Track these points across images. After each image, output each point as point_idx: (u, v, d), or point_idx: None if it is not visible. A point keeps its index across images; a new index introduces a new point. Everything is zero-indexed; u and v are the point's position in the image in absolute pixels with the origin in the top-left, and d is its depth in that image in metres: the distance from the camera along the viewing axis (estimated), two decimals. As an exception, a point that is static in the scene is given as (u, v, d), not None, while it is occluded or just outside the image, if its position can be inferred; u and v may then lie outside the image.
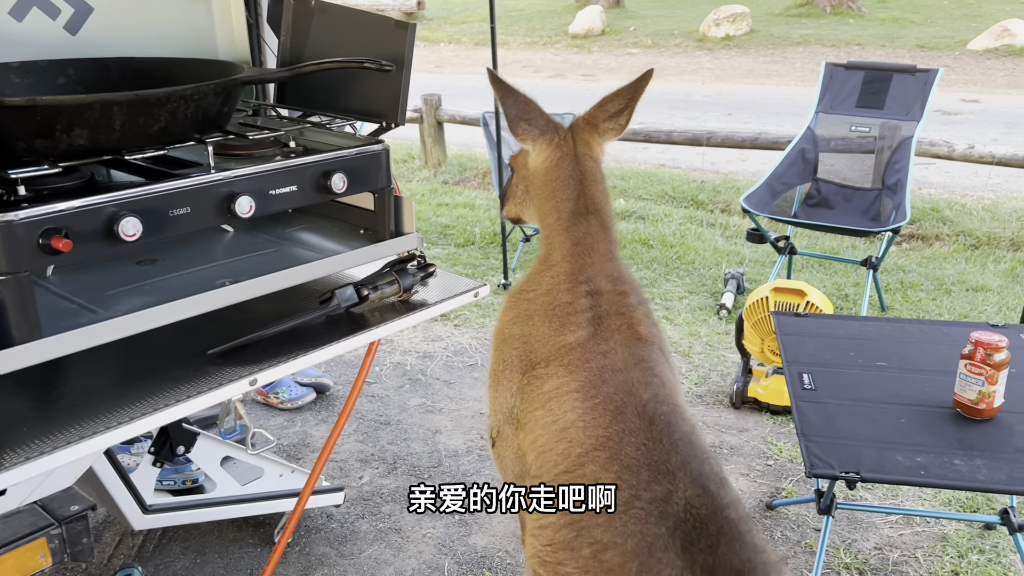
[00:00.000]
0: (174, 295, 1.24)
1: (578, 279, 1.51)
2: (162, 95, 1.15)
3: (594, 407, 1.39)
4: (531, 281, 1.58)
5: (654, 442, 1.34)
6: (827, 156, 4.37)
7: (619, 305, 1.49)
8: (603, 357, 1.43)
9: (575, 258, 1.53)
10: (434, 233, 5.33)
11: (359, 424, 3.13)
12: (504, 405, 1.56)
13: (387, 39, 1.47)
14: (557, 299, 1.50)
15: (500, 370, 1.57)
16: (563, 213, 1.54)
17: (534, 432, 1.47)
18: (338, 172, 1.37)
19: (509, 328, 1.57)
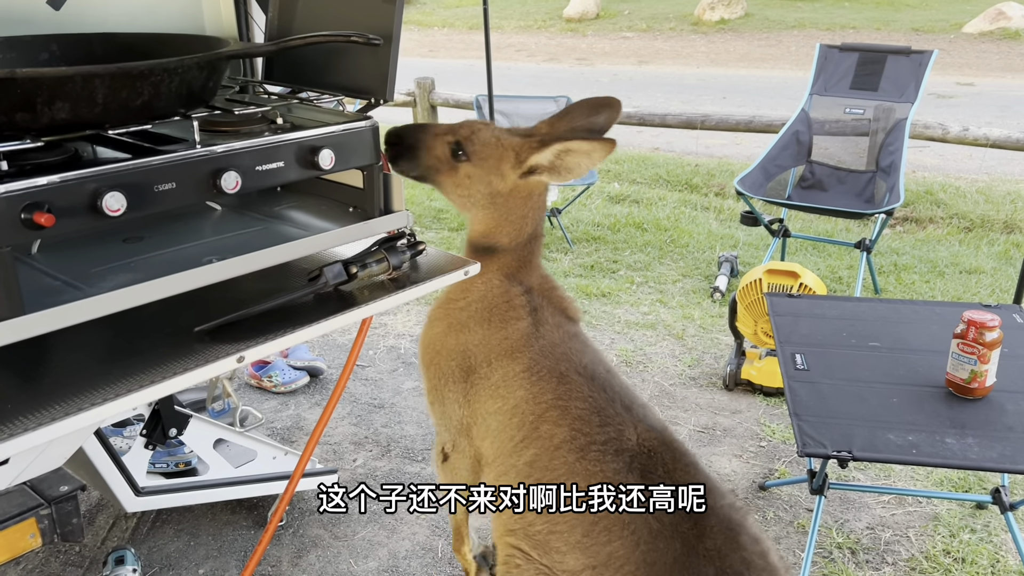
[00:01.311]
0: (160, 272, 1.22)
1: (512, 282, 1.61)
2: (145, 68, 1.14)
3: (540, 379, 1.51)
4: (459, 290, 1.63)
5: (598, 392, 1.49)
6: (821, 139, 4.37)
7: (549, 295, 1.62)
8: (542, 339, 1.55)
9: (511, 270, 1.62)
10: (428, 217, 5.31)
11: (353, 407, 3.12)
12: (454, 418, 1.63)
13: (375, 14, 1.45)
14: (492, 302, 1.59)
15: (441, 385, 1.63)
16: (522, 235, 1.62)
17: (486, 422, 1.57)
18: (326, 148, 1.36)
19: (441, 341, 1.63)
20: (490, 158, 1.58)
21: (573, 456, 1.42)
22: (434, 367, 1.65)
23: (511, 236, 1.62)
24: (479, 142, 1.58)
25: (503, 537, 1.51)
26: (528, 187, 1.60)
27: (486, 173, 1.59)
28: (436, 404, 1.66)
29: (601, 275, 4.36)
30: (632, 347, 3.56)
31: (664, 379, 3.31)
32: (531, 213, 1.63)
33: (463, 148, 1.58)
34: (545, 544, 1.41)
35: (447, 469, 1.70)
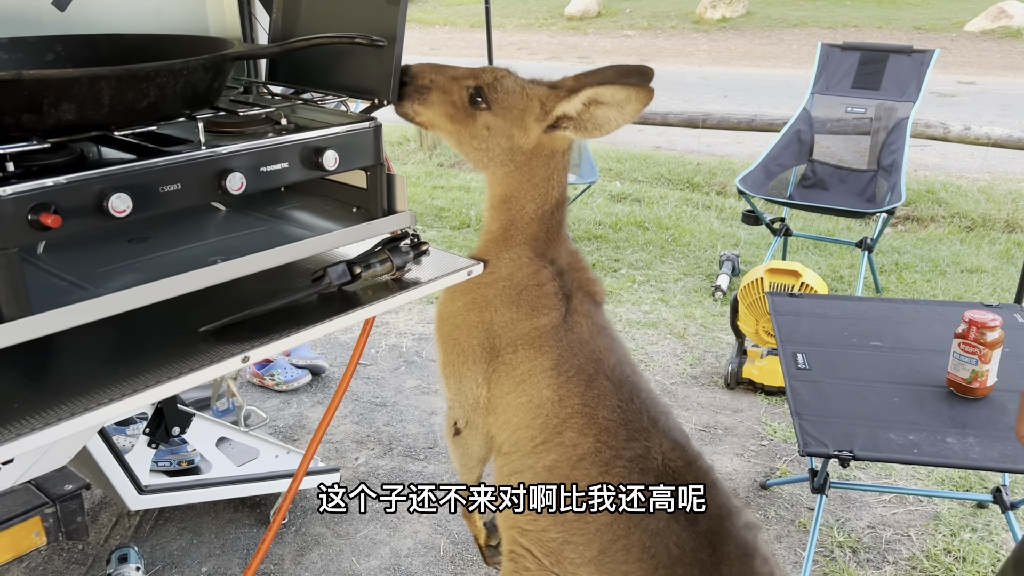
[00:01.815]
0: (166, 272, 1.23)
1: (543, 262, 1.50)
2: (151, 70, 1.14)
3: (568, 380, 1.43)
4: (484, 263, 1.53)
5: (626, 403, 1.42)
6: (823, 137, 4.37)
7: (580, 280, 1.53)
8: (571, 332, 1.47)
9: (540, 244, 1.51)
10: (429, 216, 5.32)
11: (355, 406, 3.13)
12: (470, 396, 1.56)
13: (378, 15, 1.46)
14: (522, 282, 1.49)
15: (459, 361, 1.55)
16: (548, 201, 1.50)
17: (506, 414, 1.50)
18: (330, 149, 1.36)
19: (463, 316, 1.54)
20: (513, 108, 1.44)
21: (596, 470, 1.37)
22: (452, 341, 1.55)
23: (536, 201, 1.50)
24: (502, 90, 1.44)
25: (510, 531, 1.50)
26: (552, 144, 1.47)
27: (508, 125, 1.45)
28: (451, 379, 1.58)
29: (603, 274, 4.37)
30: (634, 346, 3.57)
31: (665, 378, 3.31)
32: (555, 175, 1.50)
33: (484, 95, 1.43)
34: (558, 553, 1.39)
35: (459, 443, 1.63)
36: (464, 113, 1.44)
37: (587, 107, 1.40)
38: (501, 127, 1.45)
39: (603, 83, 1.37)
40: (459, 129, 1.46)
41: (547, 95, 1.43)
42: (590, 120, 1.40)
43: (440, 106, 1.45)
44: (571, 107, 1.41)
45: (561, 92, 1.42)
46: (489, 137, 1.46)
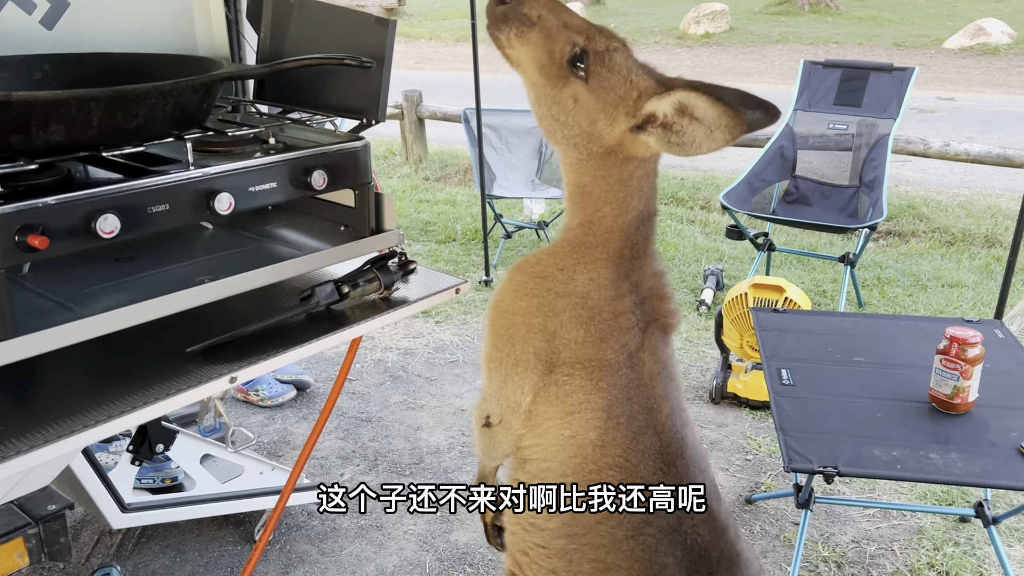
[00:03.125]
0: (152, 293, 1.23)
1: (624, 287, 1.34)
2: (140, 91, 1.14)
3: (616, 427, 1.31)
4: (561, 270, 1.36)
5: (668, 465, 1.30)
6: (805, 153, 4.41)
7: (659, 310, 1.37)
8: (632, 371, 1.32)
9: (623, 262, 1.34)
10: (415, 230, 5.32)
11: (340, 421, 3.12)
12: (512, 398, 1.43)
13: (367, 35, 1.47)
14: (598, 306, 1.34)
15: (512, 362, 1.40)
16: (631, 212, 1.32)
17: (545, 439, 1.39)
18: (318, 169, 1.37)
19: (525, 318, 1.38)
20: (612, 91, 1.24)
21: (622, 532, 1.28)
22: (506, 338, 1.40)
23: (614, 205, 1.32)
24: (609, 65, 1.24)
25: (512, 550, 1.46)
26: (633, 146, 1.27)
27: (597, 107, 1.25)
28: (495, 375, 1.44)
29: (588, 288, 4.37)
30: (619, 361, 3.57)
31: (651, 393, 3.32)
32: (635, 182, 1.30)
33: (586, 61, 1.23)
34: None
35: (487, 436, 1.51)
36: (558, 70, 1.25)
37: (679, 114, 1.20)
38: (590, 106, 1.26)
39: (703, 92, 1.16)
40: (545, 85, 1.26)
41: (649, 87, 1.23)
42: (676, 132, 1.20)
43: (537, 49, 1.25)
44: (661, 107, 1.20)
45: (660, 87, 1.22)
46: (573, 111, 1.27)
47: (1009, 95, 9.37)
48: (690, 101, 1.16)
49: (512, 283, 1.40)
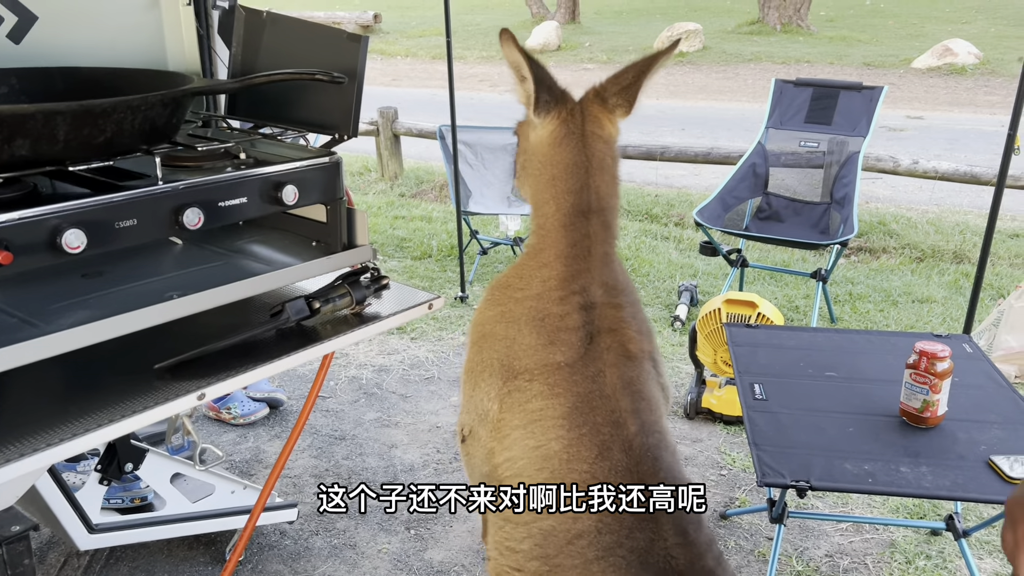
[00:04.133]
0: (120, 308, 1.21)
1: (571, 288, 1.37)
2: (107, 105, 1.13)
3: (579, 438, 1.30)
4: (520, 278, 1.42)
5: (639, 483, 1.27)
6: (777, 171, 4.46)
7: (612, 320, 1.37)
8: (591, 381, 1.33)
9: (570, 262, 1.38)
10: (391, 246, 5.30)
11: (313, 439, 3.09)
12: (480, 407, 1.45)
13: (340, 51, 1.47)
14: (547, 308, 1.37)
15: (479, 369, 1.43)
16: (562, 207, 1.37)
17: (513, 450, 1.38)
18: (289, 184, 1.36)
19: (492, 326, 1.43)
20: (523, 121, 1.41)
21: (593, 552, 1.25)
22: (476, 348, 1.45)
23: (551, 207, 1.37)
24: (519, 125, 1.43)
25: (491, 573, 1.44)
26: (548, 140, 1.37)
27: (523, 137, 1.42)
28: (467, 384, 1.47)
29: (563, 304, 4.38)
30: (594, 377, 3.57)
31: (626, 409, 3.32)
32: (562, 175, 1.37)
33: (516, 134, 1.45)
34: None
35: (464, 451, 1.53)
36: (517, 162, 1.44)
37: (521, 78, 1.35)
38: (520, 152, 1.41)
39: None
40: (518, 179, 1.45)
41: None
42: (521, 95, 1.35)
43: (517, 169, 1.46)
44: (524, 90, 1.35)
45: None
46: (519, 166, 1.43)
47: (976, 114, 9.56)
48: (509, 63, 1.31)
49: (485, 297, 1.45)
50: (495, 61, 13.23)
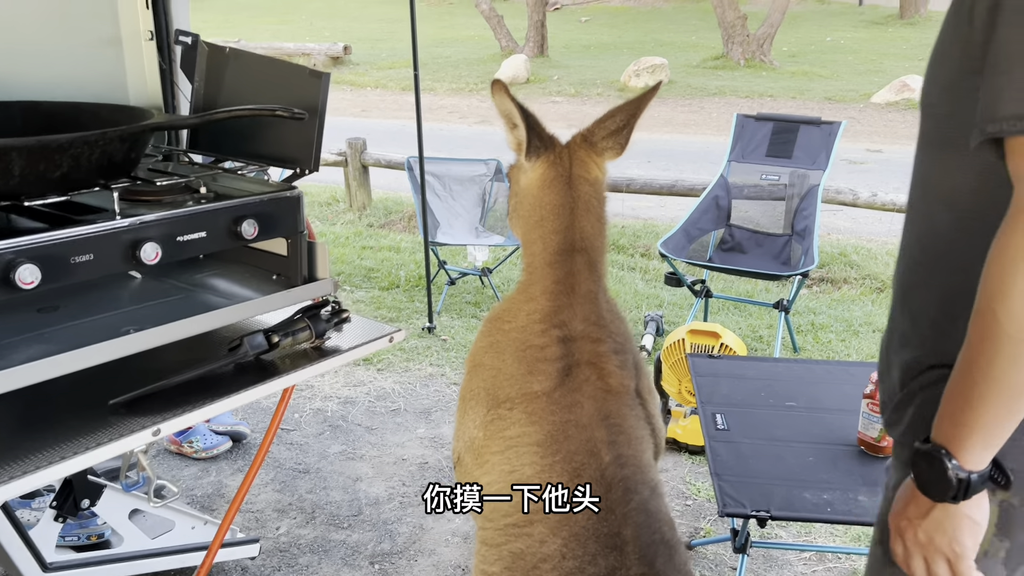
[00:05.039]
0: (76, 343, 1.20)
1: (553, 321, 1.40)
2: (64, 141, 1.14)
3: (552, 465, 1.33)
4: (509, 311, 1.47)
5: (607, 511, 1.29)
6: (740, 203, 4.54)
7: (591, 354, 1.40)
8: (568, 411, 1.35)
9: (554, 297, 1.42)
10: (358, 276, 5.29)
11: (276, 473, 3.05)
12: (468, 434, 1.47)
13: (302, 87, 1.48)
14: (530, 340, 1.41)
15: (469, 397, 1.48)
16: (549, 246, 1.43)
17: (490, 475, 1.41)
18: (249, 218, 1.37)
19: (481, 356, 1.48)
20: (514, 165, 1.49)
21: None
22: (469, 377, 1.50)
23: (541, 245, 1.43)
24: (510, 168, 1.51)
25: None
26: (538, 183, 1.43)
27: (514, 182, 1.49)
28: (459, 411, 1.51)
29: (530, 335, 4.39)
30: (561, 407, 3.58)
31: (592, 439, 3.33)
32: (550, 216, 1.42)
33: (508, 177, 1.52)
34: None
35: (456, 478, 1.54)
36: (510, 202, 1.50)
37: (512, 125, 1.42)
38: (512, 194, 1.48)
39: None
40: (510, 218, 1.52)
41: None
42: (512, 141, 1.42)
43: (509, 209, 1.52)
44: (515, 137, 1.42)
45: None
46: (512, 206, 1.49)
47: (933, 148, 9.79)
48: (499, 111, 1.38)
49: (480, 328, 1.51)
50: (464, 93, 13.35)
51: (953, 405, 0.96)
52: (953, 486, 0.96)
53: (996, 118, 0.91)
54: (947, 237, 1.09)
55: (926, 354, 1.11)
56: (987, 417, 0.93)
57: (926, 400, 1.07)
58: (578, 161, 1.44)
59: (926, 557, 1.02)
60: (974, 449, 0.95)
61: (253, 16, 20.20)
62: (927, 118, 1.14)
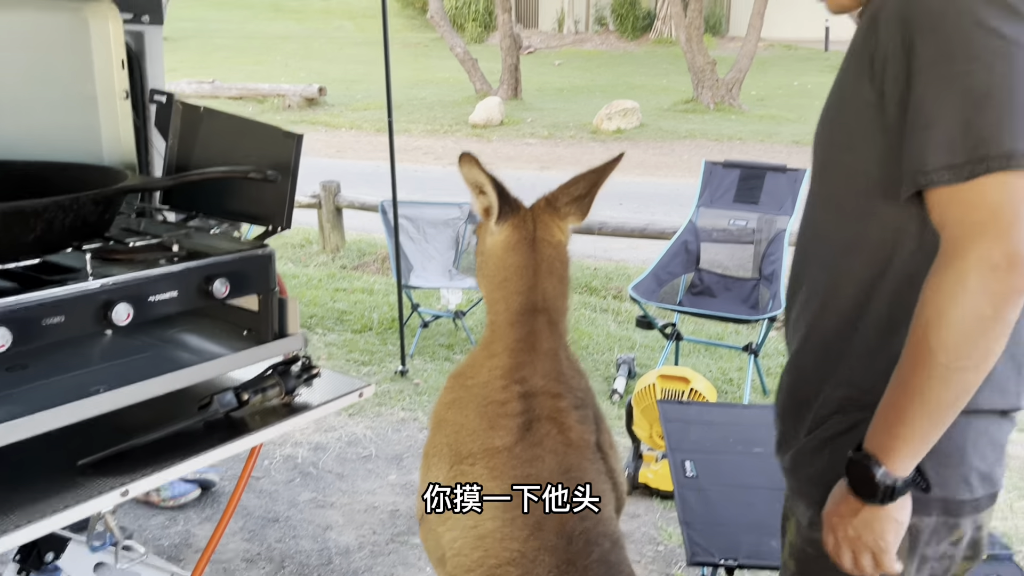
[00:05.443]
0: (44, 404, 1.21)
1: (514, 377, 1.44)
2: (39, 206, 1.15)
3: (513, 519, 1.34)
4: (471, 367, 1.50)
5: (567, 564, 1.31)
6: (709, 247, 4.62)
7: (551, 409, 1.43)
8: (529, 465, 1.38)
9: (516, 355, 1.45)
10: (330, 319, 5.29)
11: (245, 521, 3.02)
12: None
13: (275, 147, 1.52)
14: (491, 395, 1.44)
15: (432, 454, 1.50)
16: (512, 306, 1.47)
17: (454, 531, 1.42)
18: (221, 277, 1.39)
19: (444, 412, 1.50)
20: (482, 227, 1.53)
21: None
22: (432, 433, 1.52)
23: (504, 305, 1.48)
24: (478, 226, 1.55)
25: None
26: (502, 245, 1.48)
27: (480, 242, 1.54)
28: (423, 468, 1.53)
29: (503, 379, 4.40)
30: (533, 452, 3.58)
31: (564, 485, 3.33)
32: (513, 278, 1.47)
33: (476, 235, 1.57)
34: None
35: (423, 534, 1.56)
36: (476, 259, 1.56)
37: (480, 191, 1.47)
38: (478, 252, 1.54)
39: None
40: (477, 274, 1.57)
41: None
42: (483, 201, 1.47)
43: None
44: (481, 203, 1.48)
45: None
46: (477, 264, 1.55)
47: (897, 190, 10.02)
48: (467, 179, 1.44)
49: (446, 384, 1.54)
50: (439, 135, 13.47)
51: (886, 419, 1.07)
52: (882, 490, 1.08)
53: (925, 170, 1.00)
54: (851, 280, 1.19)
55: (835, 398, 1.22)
56: (917, 432, 1.05)
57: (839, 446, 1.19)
58: (542, 224, 1.48)
59: (854, 550, 1.14)
60: (903, 459, 1.07)
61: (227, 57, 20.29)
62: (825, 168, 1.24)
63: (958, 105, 0.98)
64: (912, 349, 1.03)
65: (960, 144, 0.97)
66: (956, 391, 1.02)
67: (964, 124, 0.97)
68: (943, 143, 0.98)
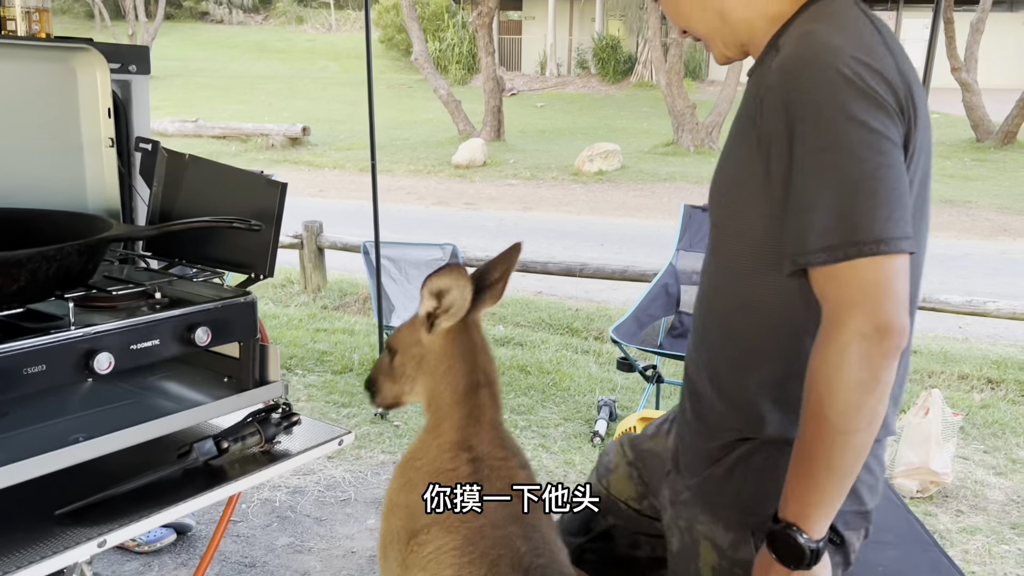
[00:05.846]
0: (22, 453, 1.21)
1: (462, 447, 1.53)
2: (23, 256, 1.16)
3: (471, 561, 1.40)
4: (419, 450, 1.58)
5: None
6: (688, 289, 4.67)
7: (501, 467, 1.52)
8: (483, 517, 1.44)
9: (462, 429, 1.55)
10: (311, 360, 5.27)
11: (221, 567, 2.98)
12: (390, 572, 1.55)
13: (259, 195, 1.54)
14: (440, 467, 1.51)
15: (387, 541, 1.56)
16: (458, 388, 1.57)
17: None
18: (203, 325, 1.40)
19: (395, 497, 1.57)
20: (407, 336, 1.62)
21: None
22: (386, 521, 1.58)
23: (450, 390, 1.58)
24: (398, 334, 1.63)
25: None
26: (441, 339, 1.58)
27: (409, 349, 1.61)
28: (382, 559, 1.58)
29: (484, 421, 4.39)
30: (513, 496, 3.57)
31: (544, 529, 3.32)
32: (456, 363, 1.58)
33: (391, 348, 1.63)
34: None
35: None
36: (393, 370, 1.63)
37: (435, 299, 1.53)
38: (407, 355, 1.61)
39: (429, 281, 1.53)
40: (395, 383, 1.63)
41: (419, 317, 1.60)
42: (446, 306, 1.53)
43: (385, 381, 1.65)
44: (428, 306, 1.54)
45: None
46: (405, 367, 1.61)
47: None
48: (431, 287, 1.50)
49: (393, 475, 1.61)
50: (422, 175, 13.58)
51: (798, 489, 1.15)
52: (808, 556, 1.14)
53: (805, 251, 1.10)
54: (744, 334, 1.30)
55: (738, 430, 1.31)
56: (827, 495, 1.13)
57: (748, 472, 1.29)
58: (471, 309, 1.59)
59: None
60: (819, 522, 1.14)
61: (211, 96, 20.41)
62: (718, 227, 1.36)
63: (833, 192, 1.07)
64: (810, 420, 1.12)
65: (835, 230, 1.07)
66: (855, 451, 1.10)
67: (839, 212, 1.07)
68: (819, 228, 1.08)
